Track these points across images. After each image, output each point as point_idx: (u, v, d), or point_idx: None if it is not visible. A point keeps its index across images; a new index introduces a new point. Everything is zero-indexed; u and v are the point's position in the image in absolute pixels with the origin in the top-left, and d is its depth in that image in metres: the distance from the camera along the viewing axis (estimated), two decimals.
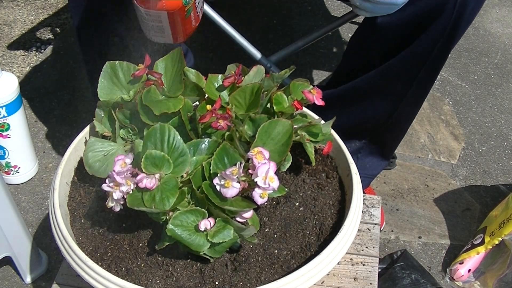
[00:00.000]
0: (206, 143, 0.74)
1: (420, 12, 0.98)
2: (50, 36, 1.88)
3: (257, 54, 1.28)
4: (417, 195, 1.42)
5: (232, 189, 0.66)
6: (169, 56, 0.79)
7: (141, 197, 0.69)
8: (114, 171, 0.67)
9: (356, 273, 0.88)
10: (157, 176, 0.69)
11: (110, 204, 0.70)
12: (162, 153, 0.70)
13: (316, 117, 0.85)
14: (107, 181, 0.69)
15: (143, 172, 0.68)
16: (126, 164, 0.68)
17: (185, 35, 0.94)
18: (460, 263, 1.23)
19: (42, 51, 1.80)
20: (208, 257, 0.72)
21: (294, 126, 0.75)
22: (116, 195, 0.68)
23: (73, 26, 1.07)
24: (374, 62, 1.08)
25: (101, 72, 0.80)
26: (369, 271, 0.88)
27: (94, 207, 0.80)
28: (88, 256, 0.70)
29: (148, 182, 0.68)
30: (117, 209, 0.71)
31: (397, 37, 1.03)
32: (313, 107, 0.82)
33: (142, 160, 0.68)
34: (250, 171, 0.66)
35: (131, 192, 0.69)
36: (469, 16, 0.98)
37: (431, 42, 1.00)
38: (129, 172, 0.68)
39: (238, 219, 0.70)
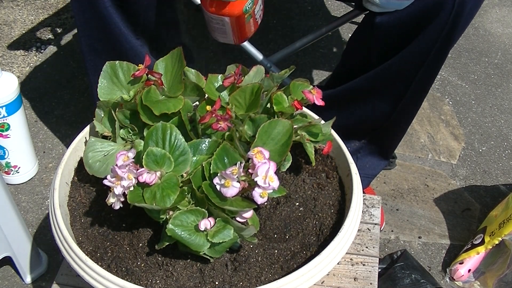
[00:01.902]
0: (206, 143, 0.74)
1: (419, 12, 0.98)
2: (50, 36, 1.88)
3: (257, 54, 1.28)
4: (417, 195, 1.42)
5: (232, 189, 0.66)
6: (169, 56, 0.79)
7: (142, 194, 0.69)
8: (116, 165, 0.67)
9: (356, 273, 0.88)
10: (158, 173, 0.69)
11: (110, 200, 0.70)
12: (163, 150, 0.70)
13: (316, 117, 0.86)
14: (108, 176, 0.69)
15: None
16: (128, 158, 0.68)
17: (245, 37, 1.07)
18: (460, 263, 1.23)
19: (42, 51, 1.80)
20: (208, 257, 0.72)
21: (294, 126, 0.75)
22: (117, 190, 0.68)
23: (76, 25, 1.07)
24: (373, 62, 1.08)
25: (101, 72, 0.80)
26: (369, 271, 0.88)
27: (94, 207, 0.80)
28: (88, 256, 0.70)
29: (148, 177, 0.68)
30: (117, 206, 0.71)
31: (396, 36, 1.03)
32: (312, 107, 0.82)
33: (144, 157, 0.68)
34: (250, 171, 0.66)
35: (132, 188, 0.69)
36: (467, 16, 0.98)
37: (429, 42, 1.00)
38: (131, 167, 0.68)
39: (238, 219, 0.70)
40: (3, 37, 1.86)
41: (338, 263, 0.73)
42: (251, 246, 0.75)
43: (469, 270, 1.22)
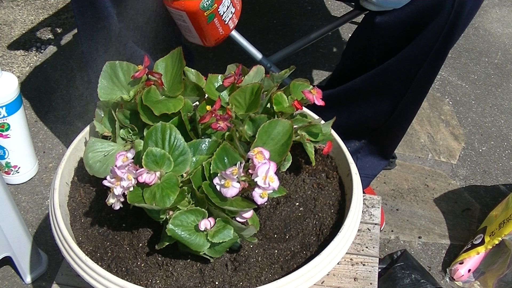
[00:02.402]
0: (206, 143, 0.74)
1: (418, 12, 0.98)
2: (50, 36, 1.88)
3: (257, 54, 1.28)
4: (417, 195, 1.42)
5: (232, 189, 0.66)
6: (169, 56, 0.79)
7: (142, 194, 0.69)
8: (115, 165, 0.67)
9: (356, 273, 0.88)
10: (157, 174, 0.69)
11: (110, 200, 0.70)
12: (162, 150, 0.70)
13: (316, 117, 0.86)
14: (108, 177, 0.69)
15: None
16: (127, 158, 0.68)
17: (213, 40, 1.02)
18: (460, 263, 1.23)
19: (42, 51, 1.80)
20: (208, 257, 0.72)
21: (294, 126, 0.75)
22: (117, 190, 0.68)
23: (76, 25, 1.07)
24: (373, 62, 1.08)
25: (101, 72, 0.80)
26: (369, 271, 0.88)
27: (94, 207, 0.80)
28: (88, 256, 0.70)
29: (148, 177, 0.68)
30: (117, 207, 0.71)
31: (395, 36, 1.03)
32: (312, 107, 0.82)
33: (143, 157, 0.68)
34: (250, 171, 0.66)
35: (131, 189, 0.69)
36: (467, 16, 0.98)
37: (429, 42, 1.00)
38: (130, 167, 0.68)
39: (238, 219, 0.70)
40: (3, 37, 1.86)
41: (338, 263, 0.73)
42: (251, 246, 0.75)
43: (469, 270, 1.22)
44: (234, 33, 1.26)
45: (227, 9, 1.00)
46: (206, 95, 0.79)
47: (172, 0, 0.96)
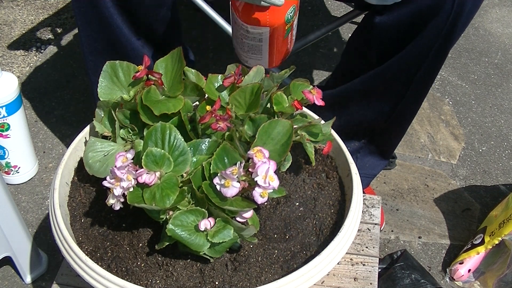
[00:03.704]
0: (206, 143, 0.74)
1: (418, 12, 0.98)
2: (50, 36, 1.88)
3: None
4: (417, 195, 1.42)
5: (232, 189, 0.66)
6: (169, 56, 0.79)
7: (142, 195, 0.69)
8: (115, 166, 0.67)
9: (356, 273, 0.88)
10: (157, 174, 0.69)
11: (110, 201, 0.70)
12: (162, 150, 0.70)
13: (316, 117, 0.86)
14: (108, 177, 0.69)
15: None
16: (127, 159, 0.68)
17: (280, 58, 0.96)
18: (460, 263, 1.23)
19: (42, 51, 1.80)
20: (208, 257, 0.72)
21: (294, 126, 0.75)
22: (117, 191, 0.68)
23: (77, 25, 1.07)
24: (373, 62, 1.08)
25: (101, 72, 0.80)
26: (369, 271, 0.88)
27: (94, 207, 0.80)
28: (88, 256, 0.70)
29: (147, 177, 0.68)
30: (117, 207, 0.71)
31: (395, 37, 1.03)
32: (312, 107, 0.82)
33: (143, 157, 0.68)
34: (250, 170, 0.66)
35: (131, 189, 0.69)
36: (466, 16, 0.98)
37: (428, 42, 1.00)
38: (130, 168, 0.68)
39: (238, 219, 0.70)
40: (3, 37, 1.86)
41: (338, 263, 0.73)
42: (251, 246, 0.75)
43: (469, 270, 1.22)
44: None
45: (296, 23, 0.96)
46: (206, 95, 0.79)
47: (256, 18, 0.88)
